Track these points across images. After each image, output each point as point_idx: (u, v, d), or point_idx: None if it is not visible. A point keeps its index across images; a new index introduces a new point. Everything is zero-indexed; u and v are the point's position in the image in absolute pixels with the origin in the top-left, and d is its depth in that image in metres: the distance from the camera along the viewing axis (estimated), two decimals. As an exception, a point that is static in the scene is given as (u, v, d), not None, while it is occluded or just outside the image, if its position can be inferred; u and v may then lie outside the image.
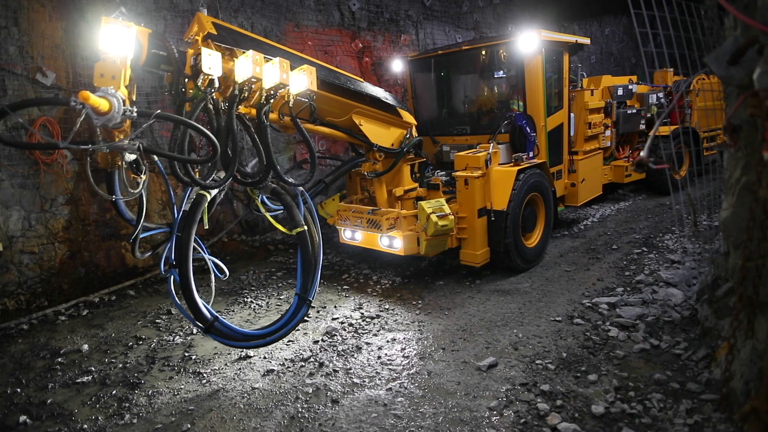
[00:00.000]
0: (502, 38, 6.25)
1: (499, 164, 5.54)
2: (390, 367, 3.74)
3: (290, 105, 3.45)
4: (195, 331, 4.64)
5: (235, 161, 3.04)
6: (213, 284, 3.50)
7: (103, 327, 4.88)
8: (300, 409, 3.27)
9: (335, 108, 4.53)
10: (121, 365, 4.06)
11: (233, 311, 5.14)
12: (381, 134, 5.07)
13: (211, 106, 2.96)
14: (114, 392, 3.64)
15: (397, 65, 7.14)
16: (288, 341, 4.28)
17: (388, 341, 4.16)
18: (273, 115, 3.59)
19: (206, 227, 3.34)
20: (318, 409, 3.25)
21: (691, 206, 5.02)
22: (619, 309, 4.38)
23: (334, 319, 4.69)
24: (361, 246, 5.74)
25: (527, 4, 12.14)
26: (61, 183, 5.96)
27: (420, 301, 4.97)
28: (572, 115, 6.88)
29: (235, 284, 5.90)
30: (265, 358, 4.02)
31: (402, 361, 3.80)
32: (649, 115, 8.73)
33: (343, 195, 6.23)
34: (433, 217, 4.68)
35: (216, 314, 3.31)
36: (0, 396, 3.67)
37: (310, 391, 3.48)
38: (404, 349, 4.01)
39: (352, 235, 5.74)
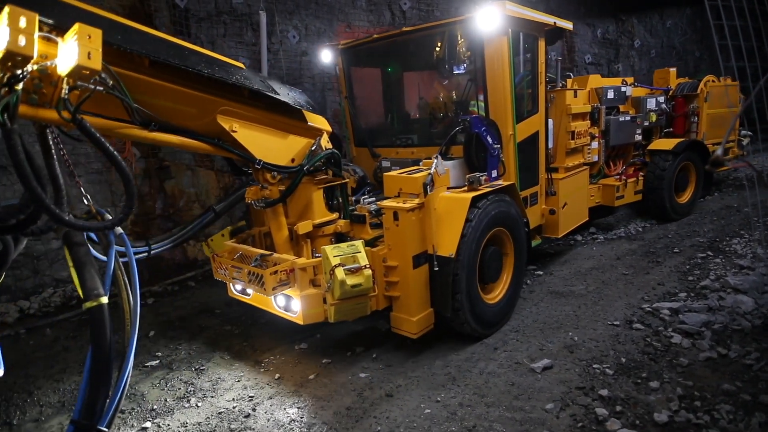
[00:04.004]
0: (453, 17, 4.67)
1: (449, 188, 4.09)
2: (443, 362, 3.76)
3: (64, 95, 2.10)
4: (251, 321, 4.84)
5: None
6: None
7: (167, 315, 5.19)
8: (356, 399, 3.36)
9: (186, 105, 3.05)
10: (185, 351, 4.31)
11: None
12: (271, 145, 3.57)
13: None
14: (180, 377, 3.86)
15: (326, 56, 5.51)
16: (341, 333, 4.39)
17: (440, 338, 4.18)
18: (47, 113, 2.19)
19: None
20: (373, 401, 3.33)
21: None
22: (682, 315, 4.18)
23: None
24: (254, 305, 4.18)
25: (582, -3, 11.76)
26: (130, 179, 6.37)
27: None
28: (550, 121, 5.41)
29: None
30: (322, 348, 4.15)
31: (455, 358, 3.81)
32: (647, 123, 7.14)
33: (240, 228, 4.52)
34: (340, 273, 3.23)
35: None
36: (81, 375, 3.99)
37: (365, 383, 3.56)
38: (455, 347, 4.01)
39: (243, 289, 4.14)
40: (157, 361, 4.14)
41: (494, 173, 4.40)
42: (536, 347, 3.90)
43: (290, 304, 3.77)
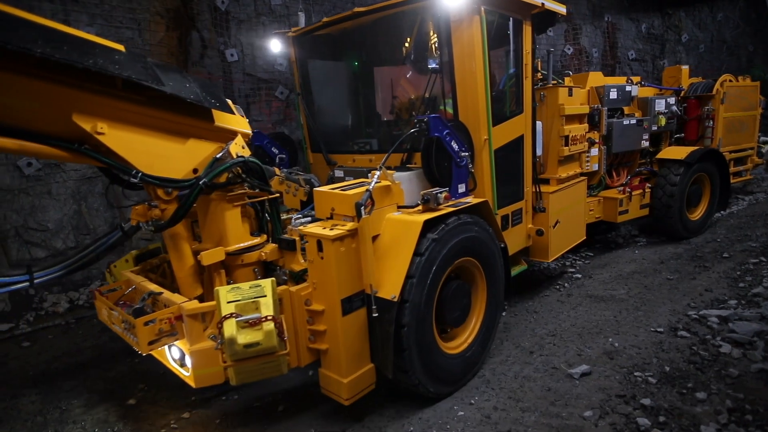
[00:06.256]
0: None
1: (401, 208, 3.31)
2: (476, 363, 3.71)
3: None
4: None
5: None
6: None
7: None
8: (389, 402, 3.35)
9: (22, 98, 2.33)
10: (223, 345, 4.42)
11: None
12: (160, 152, 2.77)
13: None
14: (218, 369, 3.97)
15: (276, 46, 4.82)
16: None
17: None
18: None
19: None
20: (405, 405, 3.31)
21: None
22: (732, 323, 3.98)
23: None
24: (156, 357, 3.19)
25: (626, -9, 11.34)
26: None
27: (506, 303, 4.85)
28: (539, 123, 4.63)
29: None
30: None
31: (489, 361, 3.75)
32: (655, 127, 6.28)
33: (152, 251, 3.74)
34: (230, 327, 2.40)
35: None
36: (127, 365, 4.17)
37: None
38: (489, 348, 3.95)
39: None
40: (197, 354, 4.27)
41: (461, 188, 3.60)
42: (574, 352, 3.79)
43: (184, 360, 2.90)
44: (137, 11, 6.12)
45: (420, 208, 3.26)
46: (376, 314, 2.88)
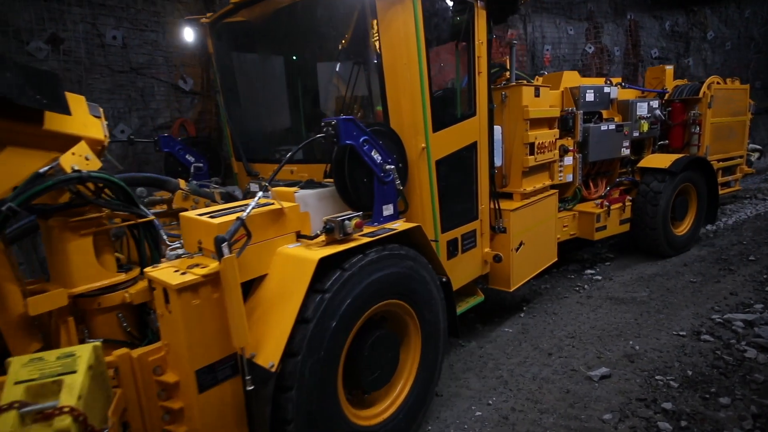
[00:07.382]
0: None
1: (302, 237, 2.57)
2: (495, 365, 3.71)
3: None
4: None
5: None
6: None
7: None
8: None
9: None
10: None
11: None
12: None
13: None
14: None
15: (189, 35, 4.07)
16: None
17: (491, 340, 4.13)
18: None
19: None
20: (422, 401, 3.33)
21: None
22: (758, 328, 3.89)
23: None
24: None
25: (650, -12, 11.13)
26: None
27: (525, 305, 4.84)
28: (498, 128, 3.98)
29: None
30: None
31: (507, 362, 3.75)
32: (636, 133, 5.68)
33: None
34: (5, 424, 1.54)
35: None
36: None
37: (414, 383, 3.57)
38: (506, 351, 3.95)
39: None
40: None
41: (387, 210, 2.87)
42: (593, 355, 3.76)
43: None
44: (161, 15, 6.26)
45: (321, 240, 2.50)
46: (252, 387, 2.12)
